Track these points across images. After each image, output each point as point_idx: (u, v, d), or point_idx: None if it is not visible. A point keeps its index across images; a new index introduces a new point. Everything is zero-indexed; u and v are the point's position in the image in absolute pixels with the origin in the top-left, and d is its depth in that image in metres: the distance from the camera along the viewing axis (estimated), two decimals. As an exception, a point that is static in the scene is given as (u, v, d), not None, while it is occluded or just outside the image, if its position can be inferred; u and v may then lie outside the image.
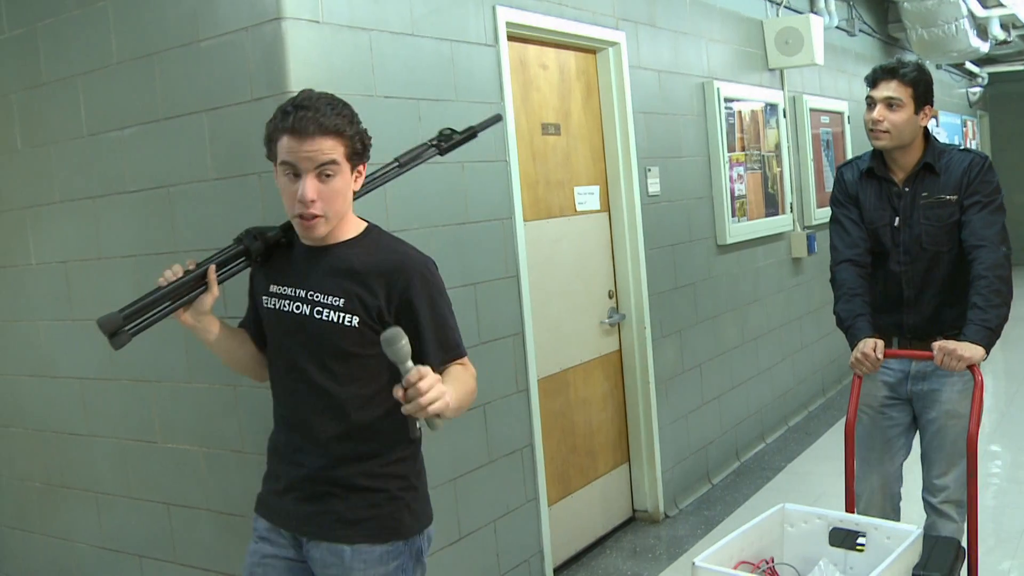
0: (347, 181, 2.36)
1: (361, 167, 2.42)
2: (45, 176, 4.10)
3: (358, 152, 2.37)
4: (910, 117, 3.43)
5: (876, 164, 3.57)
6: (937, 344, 3.25)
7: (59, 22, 3.91)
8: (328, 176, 2.31)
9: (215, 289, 2.42)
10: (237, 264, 2.49)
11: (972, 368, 3.24)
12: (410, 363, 2.09)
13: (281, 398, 2.53)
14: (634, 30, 5.34)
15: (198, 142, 3.52)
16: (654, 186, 5.44)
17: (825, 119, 8.16)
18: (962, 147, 3.58)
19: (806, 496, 3.43)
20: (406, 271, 2.40)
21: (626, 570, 4.78)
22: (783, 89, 7.32)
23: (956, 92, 13.99)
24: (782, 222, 7.23)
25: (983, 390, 3.25)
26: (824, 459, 6.25)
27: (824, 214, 7.56)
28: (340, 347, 2.38)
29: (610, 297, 5.25)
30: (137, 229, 3.78)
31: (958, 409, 3.47)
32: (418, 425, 2.29)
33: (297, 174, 2.29)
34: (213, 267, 2.40)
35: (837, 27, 8.37)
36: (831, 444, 6.57)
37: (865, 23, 9.49)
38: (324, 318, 2.37)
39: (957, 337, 3.30)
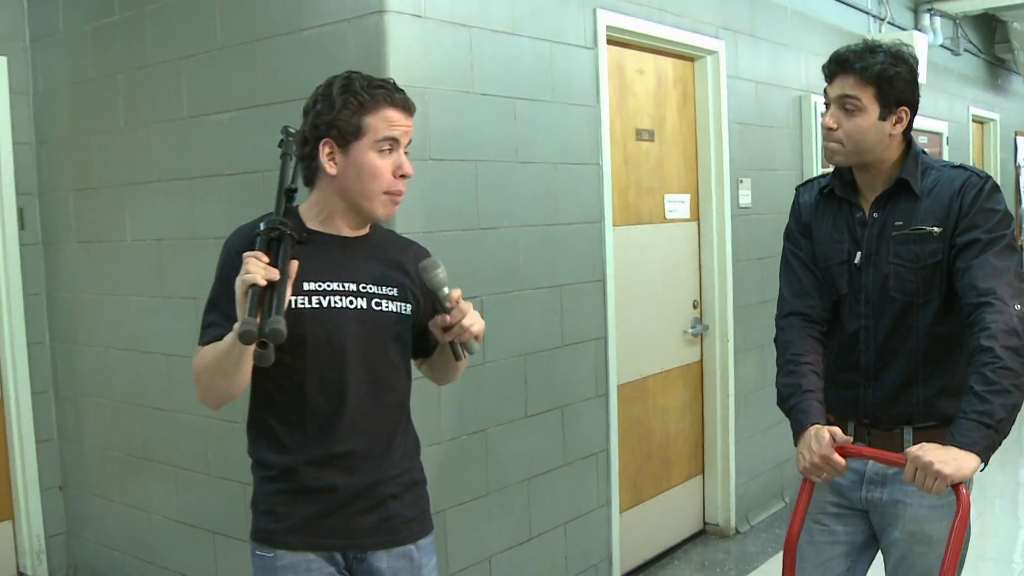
0: None
1: None
2: (145, 155, 4.19)
3: None
4: (873, 124, 2.49)
5: (837, 182, 2.67)
6: (911, 453, 2.24)
7: (166, 6, 3.99)
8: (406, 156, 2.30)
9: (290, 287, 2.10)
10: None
11: (956, 486, 2.21)
12: (447, 288, 2.22)
13: (325, 407, 2.24)
14: (734, 39, 5.28)
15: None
16: (745, 198, 5.38)
17: (924, 139, 7.97)
18: (957, 163, 2.60)
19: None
20: (423, 255, 2.43)
21: (694, 583, 4.73)
22: (883, 106, 7.16)
23: (1062, 117, 13.60)
24: (873, 241, 7.06)
25: (968, 519, 2.23)
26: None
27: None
28: (400, 337, 2.33)
29: (694, 307, 5.20)
30: (231, 211, 3.83)
31: (927, 531, 2.49)
32: (461, 350, 2.28)
33: (393, 150, 2.25)
34: (296, 264, 2.12)
35: (941, 45, 8.18)
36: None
37: (971, 42, 9.25)
38: (385, 309, 2.29)
39: (938, 432, 2.40)
